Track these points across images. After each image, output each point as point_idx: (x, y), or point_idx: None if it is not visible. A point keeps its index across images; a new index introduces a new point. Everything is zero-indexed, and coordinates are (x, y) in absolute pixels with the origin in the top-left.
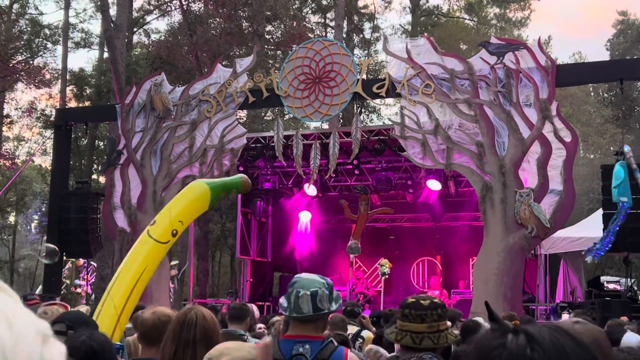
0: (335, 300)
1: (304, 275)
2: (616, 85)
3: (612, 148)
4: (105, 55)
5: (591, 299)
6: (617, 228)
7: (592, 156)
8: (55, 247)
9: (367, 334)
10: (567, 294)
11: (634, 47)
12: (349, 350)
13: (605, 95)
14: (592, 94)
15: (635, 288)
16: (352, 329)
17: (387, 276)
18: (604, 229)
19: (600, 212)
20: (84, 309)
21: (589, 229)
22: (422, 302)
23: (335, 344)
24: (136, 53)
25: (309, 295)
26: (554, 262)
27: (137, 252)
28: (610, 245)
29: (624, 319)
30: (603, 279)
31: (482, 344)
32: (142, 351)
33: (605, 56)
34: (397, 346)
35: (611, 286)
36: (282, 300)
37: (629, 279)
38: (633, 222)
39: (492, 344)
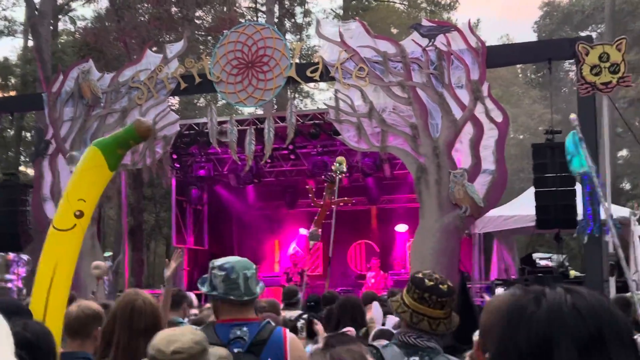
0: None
1: (233, 258)
2: (543, 67)
3: (540, 128)
4: (30, 43)
5: (524, 275)
6: (589, 199)
7: (521, 137)
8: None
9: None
10: (502, 271)
11: (560, 29)
12: (286, 329)
13: (533, 76)
14: (520, 75)
15: (567, 264)
16: (295, 313)
17: (342, 176)
18: (536, 206)
19: (531, 190)
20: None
21: (521, 207)
22: (441, 287)
23: (273, 324)
24: (62, 41)
25: (255, 275)
26: (488, 241)
27: (46, 248)
28: (592, 222)
29: None
30: (535, 256)
31: (512, 307)
32: (67, 344)
33: (532, 38)
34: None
35: (543, 263)
36: (222, 286)
37: (560, 255)
38: (563, 199)
39: (523, 302)
